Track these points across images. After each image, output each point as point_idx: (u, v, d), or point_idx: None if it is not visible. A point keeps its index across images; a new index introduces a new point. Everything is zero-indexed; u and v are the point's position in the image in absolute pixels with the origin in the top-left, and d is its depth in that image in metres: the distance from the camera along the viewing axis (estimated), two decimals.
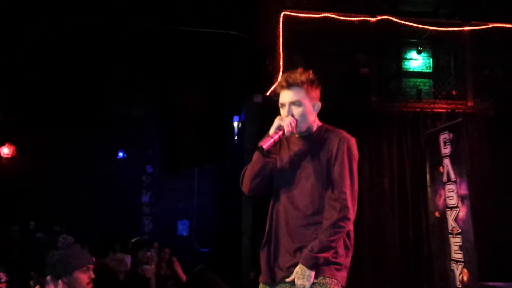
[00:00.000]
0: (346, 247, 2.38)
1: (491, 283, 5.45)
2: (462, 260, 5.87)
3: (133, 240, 7.17)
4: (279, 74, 7.69)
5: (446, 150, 6.24)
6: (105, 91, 10.77)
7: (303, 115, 2.41)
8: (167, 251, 6.94)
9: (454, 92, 7.79)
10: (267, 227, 2.54)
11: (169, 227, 11.40)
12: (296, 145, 2.49)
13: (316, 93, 2.49)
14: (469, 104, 7.69)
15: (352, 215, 2.34)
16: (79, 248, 3.03)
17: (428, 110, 7.72)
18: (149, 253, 5.58)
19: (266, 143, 2.38)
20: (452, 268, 6.05)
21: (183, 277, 6.50)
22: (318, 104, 2.49)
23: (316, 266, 2.26)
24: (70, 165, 10.79)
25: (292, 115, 2.41)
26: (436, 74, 8.22)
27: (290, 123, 2.37)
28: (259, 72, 8.21)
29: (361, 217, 7.51)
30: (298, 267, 2.28)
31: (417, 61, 8.93)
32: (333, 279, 2.29)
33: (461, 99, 7.76)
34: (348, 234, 2.39)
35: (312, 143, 2.44)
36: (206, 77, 10.11)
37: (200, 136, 10.87)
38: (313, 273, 2.23)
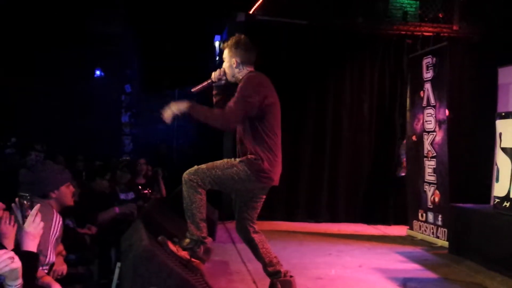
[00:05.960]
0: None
1: (461, 205, 5.61)
2: (435, 182, 6.08)
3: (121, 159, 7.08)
4: None
5: (428, 75, 6.23)
6: (81, 7, 10.24)
7: (227, 68, 3.39)
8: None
9: (440, 15, 7.64)
10: None
11: (149, 147, 11.41)
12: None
13: (237, 52, 3.33)
14: (455, 28, 7.58)
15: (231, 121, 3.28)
16: (53, 164, 3.08)
17: (416, 33, 7.59)
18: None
19: (196, 88, 3.40)
20: (425, 189, 6.27)
21: (164, 192, 6.61)
22: (233, 60, 3.34)
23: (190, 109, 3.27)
24: (48, 84, 10.49)
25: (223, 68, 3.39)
26: None
27: (216, 73, 3.36)
28: None
29: (339, 137, 7.66)
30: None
31: None
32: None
33: (447, 22, 7.63)
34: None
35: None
36: None
37: (181, 57, 10.59)
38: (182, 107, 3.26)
